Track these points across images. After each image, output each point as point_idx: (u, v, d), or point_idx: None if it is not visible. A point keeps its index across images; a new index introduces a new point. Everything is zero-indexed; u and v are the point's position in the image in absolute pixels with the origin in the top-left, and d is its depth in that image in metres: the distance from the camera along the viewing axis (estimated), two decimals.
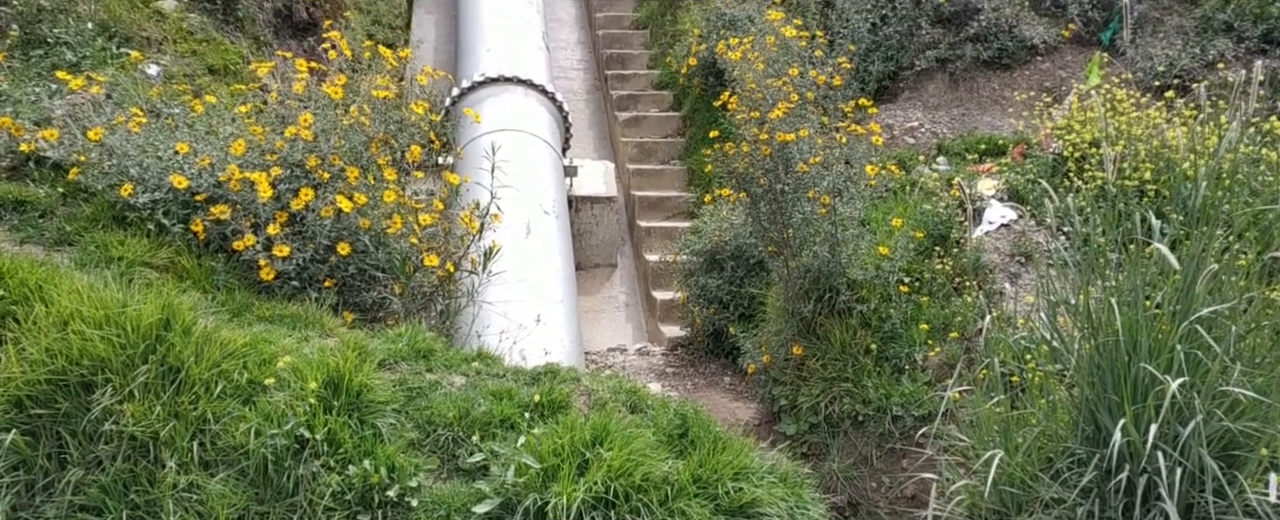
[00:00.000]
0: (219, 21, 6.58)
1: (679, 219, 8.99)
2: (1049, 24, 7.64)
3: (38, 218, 4.08)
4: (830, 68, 6.77)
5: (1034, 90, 7.12)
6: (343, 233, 4.58)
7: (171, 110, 4.97)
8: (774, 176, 5.80)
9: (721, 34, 8.42)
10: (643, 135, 10.25)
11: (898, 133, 7.34)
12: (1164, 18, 7.47)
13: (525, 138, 8.04)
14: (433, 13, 11.65)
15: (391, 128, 6.00)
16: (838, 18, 7.91)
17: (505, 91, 8.54)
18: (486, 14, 9.86)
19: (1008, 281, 5.29)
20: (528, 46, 9.55)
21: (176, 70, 5.71)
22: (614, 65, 11.27)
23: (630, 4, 12.25)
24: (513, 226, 6.30)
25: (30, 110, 4.64)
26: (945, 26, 7.93)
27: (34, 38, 5.26)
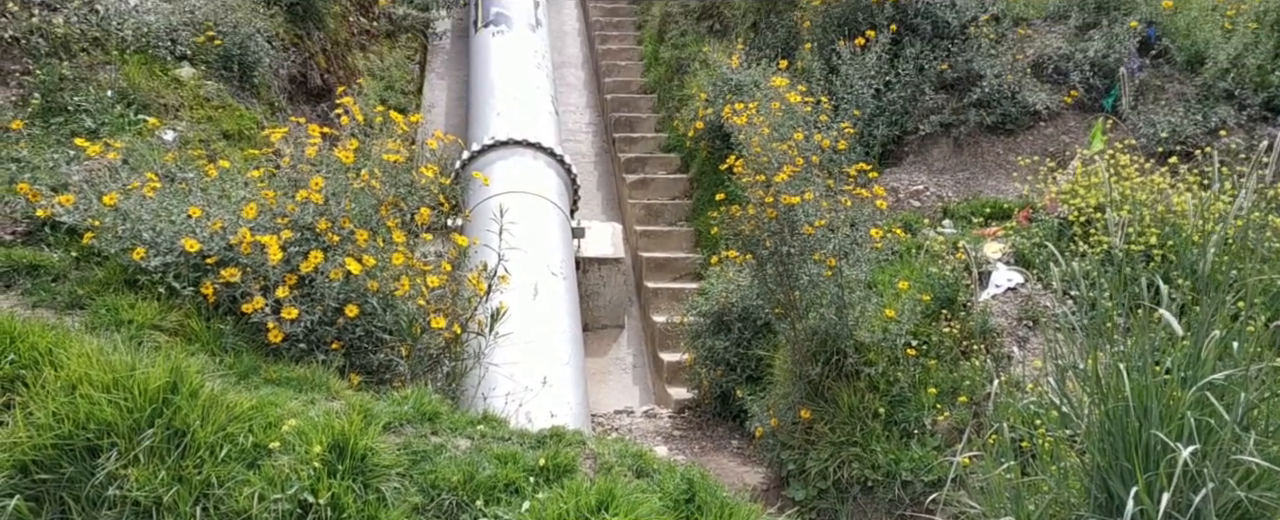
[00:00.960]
0: (235, 88, 6.72)
1: (686, 280, 9.01)
2: (1051, 91, 7.75)
3: (51, 281, 4.12)
4: (835, 132, 6.86)
5: (1038, 155, 7.19)
6: (351, 295, 4.61)
7: (186, 175, 5.05)
8: (780, 239, 5.83)
9: (727, 98, 8.55)
10: (650, 197, 10.34)
11: (903, 196, 7.39)
12: (1165, 85, 7.57)
13: (533, 200, 8.12)
14: (444, 78, 11.88)
15: (401, 191, 6.07)
16: (842, 83, 8.03)
17: (514, 154, 8.66)
18: (497, 79, 10.05)
19: (1016, 345, 5.27)
20: (537, 111, 9.71)
21: (192, 136, 5.81)
22: (622, 128, 11.43)
23: (638, 70, 12.47)
24: (520, 288, 6.32)
25: (48, 176, 4.72)
26: (948, 92, 8.04)
27: (55, 105, 5.38)
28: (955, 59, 8.01)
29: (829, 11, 8.65)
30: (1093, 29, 7.95)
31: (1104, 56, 7.67)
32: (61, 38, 5.77)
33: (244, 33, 7.01)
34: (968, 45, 8.03)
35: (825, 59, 8.38)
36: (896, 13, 8.17)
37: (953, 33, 8.12)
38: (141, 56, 6.16)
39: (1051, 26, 8.29)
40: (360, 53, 10.04)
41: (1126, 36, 7.67)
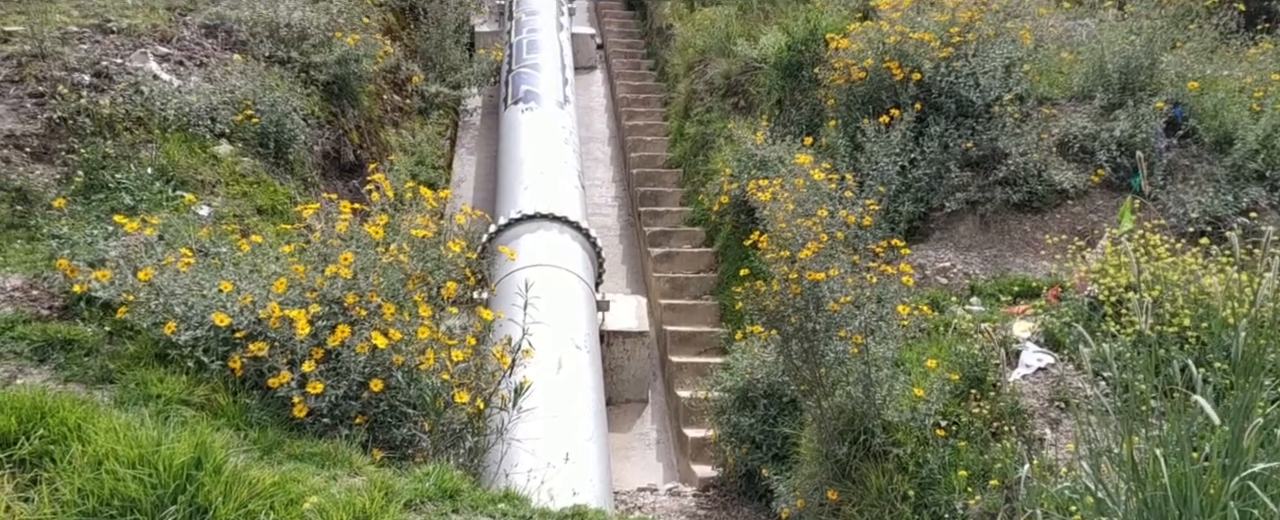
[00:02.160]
0: (270, 164, 6.89)
1: (711, 355, 8.96)
2: (1078, 169, 7.74)
3: (83, 356, 4.18)
4: (860, 208, 6.88)
5: (1066, 234, 7.15)
6: (376, 369, 4.62)
7: (219, 249, 5.15)
8: (805, 315, 5.80)
9: (752, 173, 8.62)
10: (675, 271, 10.36)
11: (930, 273, 7.35)
12: (1194, 165, 7.55)
13: (559, 273, 8.17)
14: (474, 153, 12.10)
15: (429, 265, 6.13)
16: (866, 160, 8.08)
17: (541, 228, 8.75)
18: (525, 155, 10.22)
19: (1048, 428, 5.16)
20: (564, 185, 9.84)
21: (227, 211, 5.95)
22: (648, 202, 11.53)
23: (664, 145, 12.64)
24: (544, 362, 6.31)
25: (86, 252, 4.84)
26: (974, 170, 8.06)
27: (97, 183, 5.55)
28: (980, 137, 8.05)
29: (853, 90, 8.76)
30: (1118, 109, 7.98)
31: (1131, 136, 7.68)
32: (107, 118, 5.98)
33: (281, 111, 7.21)
34: (992, 124, 8.07)
35: (850, 136, 8.46)
36: (920, 91, 8.26)
37: (977, 111, 8.18)
38: (182, 135, 6.36)
39: (1076, 106, 8.33)
40: (393, 129, 10.28)
41: (1153, 117, 7.69)
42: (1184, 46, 8.20)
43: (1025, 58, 8.44)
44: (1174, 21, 8.28)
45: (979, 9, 8.47)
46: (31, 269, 4.72)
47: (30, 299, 4.48)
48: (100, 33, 7.04)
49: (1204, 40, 8.33)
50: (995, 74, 8.20)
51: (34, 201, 5.27)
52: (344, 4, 9.37)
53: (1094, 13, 9.62)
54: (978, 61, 8.23)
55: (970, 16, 8.40)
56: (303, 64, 8.28)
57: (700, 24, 12.96)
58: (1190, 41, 8.28)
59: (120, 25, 7.23)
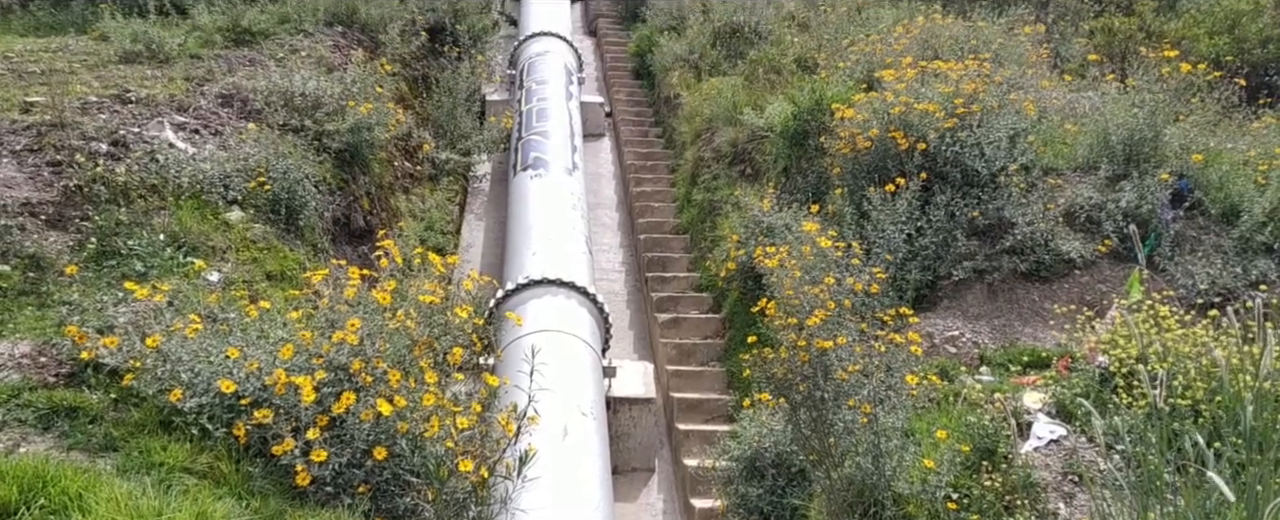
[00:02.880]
0: (281, 230, 6.95)
1: (718, 422, 8.86)
2: (1085, 239, 7.75)
3: (87, 423, 4.17)
4: (867, 275, 6.89)
5: (1074, 303, 7.12)
6: (380, 436, 4.60)
7: (227, 316, 5.17)
8: (813, 383, 5.76)
9: (759, 240, 8.65)
10: (682, 337, 10.33)
11: (938, 341, 7.32)
12: (1201, 236, 7.56)
13: (565, 339, 8.14)
14: (483, 219, 12.20)
15: (435, 331, 6.14)
16: (873, 228, 8.12)
17: (548, 293, 8.75)
18: (533, 220, 10.29)
19: (1062, 502, 5.07)
20: (571, 250, 9.88)
21: (237, 277, 5.98)
22: (655, 268, 11.56)
23: (671, 211, 12.72)
24: (550, 429, 6.26)
25: (96, 318, 4.87)
26: (981, 238, 8.08)
27: (109, 249, 5.60)
28: (986, 206, 8.09)
29: (858, 159, 8.84)
30: (1123, 180, 8.02)
31: (1137, 207, 7.71)
32: (122, 185, 6.08)
33: (293, 178, 7.31)
34: (998, 193, 8.12)
35: (856, 204, 8.51)
36: (926, 161, 8.33)
37: (982, 181, 8.23)
38: (195, 202, 6.44)
39: (1081, 177, 8.38)
40: (403, 195, 10.39)
41: (1158, 188, 7.72)
42: (1187, 120, 8.29)
43: (1029, 129, 8.53)
44: (1176, 95, 8.38)
45: (982, 81, 8.60)
46: (41, 335, 4.75)
47: (37, 366, 4.49)
48: (119, 103, 7.19)
49: (1206, 114, 8.42)
50: (1000, 144, 8.28)
51: (46, 268, 5.32)
52: (358, 74, 9.57)
53: (1096, 86, 9.76)
54: (982, 132, 8.31)
55: (974, 88, 8.52)
56: (316, 132, 8.42)
57: (707, 93, 13.17)
58: (1193, 115, 8.37)
59: (139, 95, 7.39)
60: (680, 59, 14.68)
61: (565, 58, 14.55)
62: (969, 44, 10.27)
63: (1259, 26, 10.98)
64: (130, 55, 8.71)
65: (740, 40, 14.13)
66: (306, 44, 10.36)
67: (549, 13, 16.13)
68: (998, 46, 10.18)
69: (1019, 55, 10.18)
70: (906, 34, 10.72)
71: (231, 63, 9.09)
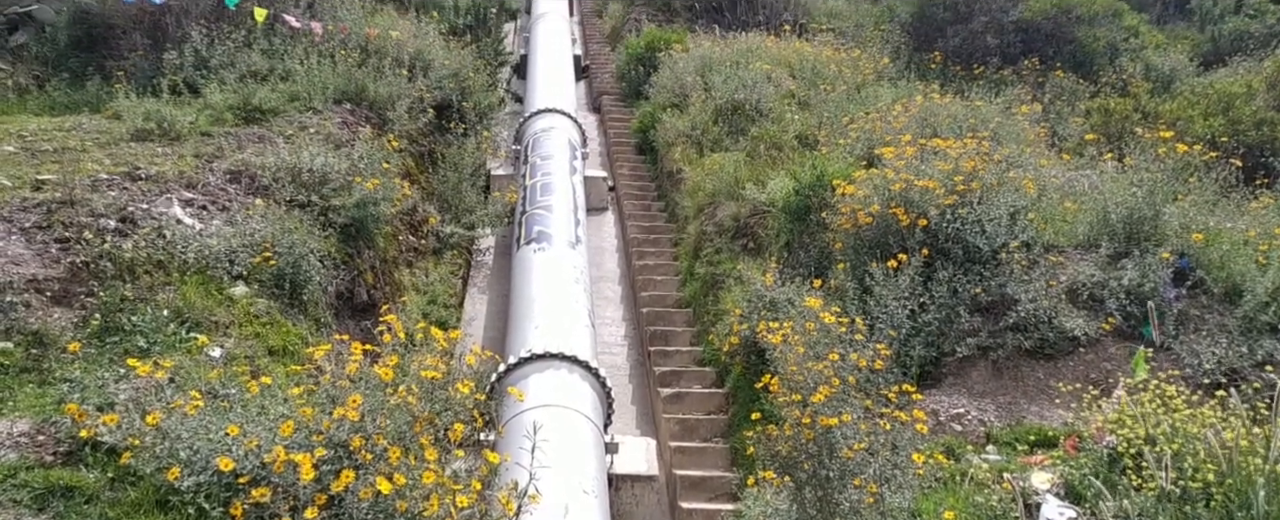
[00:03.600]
0: (284, 305, 6.97)
1: (723, 501, 8.71)
2: (1088, 317, 7.75)
3: (83, 504, 4.12)
4: (871, 351, 6.86)
5: (1080, 381, 7.08)
6: (380, 514, 4.53)
7: (228, 392, 5.15)
8: (818, 462, 5.69)
9: (762, 314, 8.65)
10: (685, 412, 10.22)
11: (943, 419, 7.25)
12: (1205, 315, 7.56)
13: (567, 414, 8.07)
14: (486, 292, 12.22)
15: (437, 407, 6.09)
16: (876, 304, 8.12)
17: (550, 368, 8.71)
18: (536, 294, 10.30)
19: None
20: (574, 324, 9.86)
21: (239, 352, 5.98)
22: (657, 342, 11.51)
23: (674, 284, 12.75)
24: (551, 508, 6.17)
25: (96, 395, 4.85)
26: (984, 315, 8.08)
27: (113, 325, 5.62)
28: (988, 283, 8.11)
29: (860, 234, 8.90)
30: (1125, 258, 8.06)
31: (1139, 285, 7.73)
32: (128, 261, 6.12)
33: (298, 253, 7.36)
34: (1000, 270, 8.15)
35: (858, 279, 8.52)
36: (927, 237, 8.38)
37: (984, 258, 8.27)
38: (200, 277, 6.48)
39: (1083, 255, 8.43)
40: (407, 269, 10.43)
41: (1160, 267, 7.76)
42: (1185, 199, 8.37)
43: (1029, 206, 8.61)
44: (1174, 175, 8.48)
45: (981, 159, 8.71)
46: (40, 414, 4.72)
47: (35, 444, 4.45)
48: (129, 180, 7.30)
49: (1204, 193, 8.50)
50: (1000, 221, 8.34)
51: (49, 345, 5.33)
52: (365, 150, 9.71)
53: (1094, 165, 9.88)
54: (983, 209, 8.39)
55: (973, 166, 8.63)
56: (322, 207, 8.51)
57: (709, 168, 13.32)
58: (1191, 194, 8.45)
59: (149, 172, 7.50)
60: (683, 135, 14.90)
61: (569, 133, 14.78)
62: (968, 122, 10.44)
63: (1252, 109, 11.19)
64: (142, 133, 8.87)
65: (742, 117, 14.36)
66: (315, 121, 10.54)
67: (554, 90, 16.45)
68: (996, 125, 10.35)
69: (1017, 134, 10.34)
70: (905, 112, 10.91)
71: (241, 140, 9.24)
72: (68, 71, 11.89)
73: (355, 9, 14.24)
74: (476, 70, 15.02)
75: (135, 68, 11.51)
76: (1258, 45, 16.54)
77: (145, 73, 11.27)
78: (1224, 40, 17.71)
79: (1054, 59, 16.38)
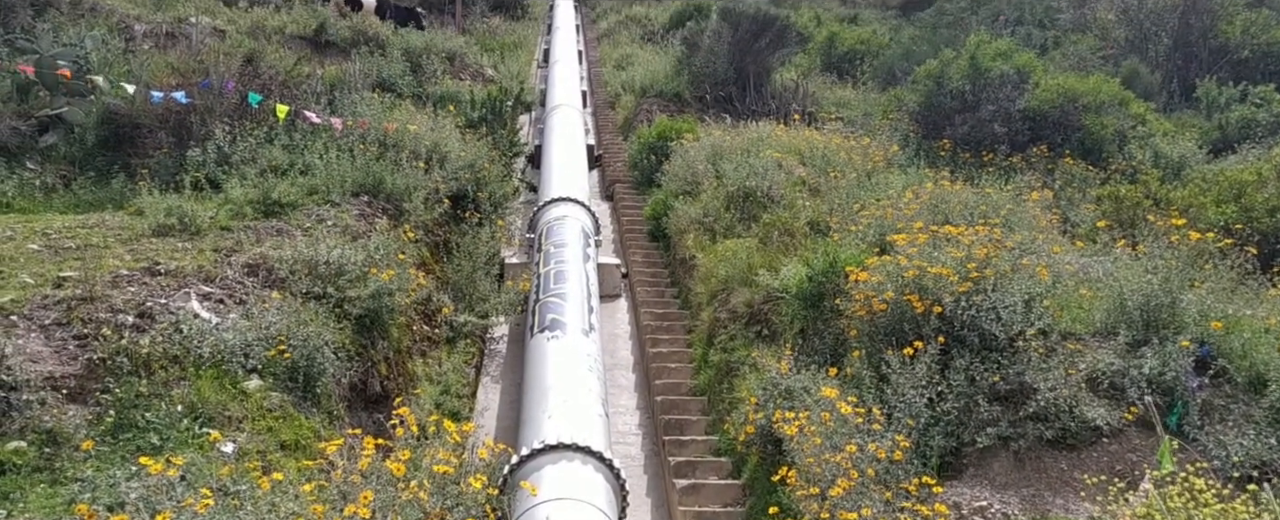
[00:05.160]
0: (298, 398, 6.96)
1: None
2: (1110, 406, 7.62)
3: None
4: (889, 442, 6.75)
5: (1104, 474, 6.93)
6: None
7: (240, 488, 5.10)
8: None
9: (777, 403, 8.56)
10: (701, 504, 10.01)
11: (966, 512, 7.07)
12: (1229, 405, 7.42)
13: (581, 508, 7.92)
14: (499, 381, 12.16)
15: (449, 502, 6.00)
16: (893, 392, 8.02)
17: (563, 459, 8.59)
18: (550, 383, 10.24)
19: None
20: (587, 414, 9.76)
21: (251, 447, 5.95)
22: (672, 431, 11.37)
23: (688, 372, 12.66)
24: None
25: (107, 494, 4.82)
26: (1003, 404, 7.95)
27: (127, 422, 5.62)
28: (1006, 371, 8.01)
29: (875, 321, 8.85)
30: (1144, 346, 7.97)
31: (1160, 374, 7.62)
32: (144, 357, 6.16)
33: (313, 345, 7.38)
34: (1017, 358, 8.06)
35: (874, 366, 8.45)
36: (942, 324, 8.33)
37: (1001, 345, 8.19)
38: (215, 371, 6.49)
39: (1101, 342, 8.34)
40: (420, 359, 10.42)
41: (1180, 355, 7.65)
42: (1202, 286, 8.31)
43: (1044, 293, 8.57)
44: (1189, 262, 8.45)
45: (994, 246, 8.72)
46: (51, 514, 4.69)
47: None
48: (149, 275, 7.40)
49: (1221, 280, 8.45)
50: (1015, 308, 8.30)
51: (62, 443, 5.32)
52: (381, 241, 9.83)
53: (1108, 251, 9.87)
54: (997, 296, 8.35)
55: (986, 253, 8.63)
56: (338, 299, 8.57)
57: (722, 255, 13.38)
58: (1207, 281, 8.40)
59: (168, 267, 7.61)
60: (695, 222, 15.02)
61: (583, 221, 14.93)
62: (979, 209, 10.49)
63: (1264, 196, 11.22)
64: (163, 229, 9.03)
65: (753, 204, 14.49)
66: (332, 214, 10.71)
67: (567, 178, 16.70)
68: (1007, 212, 10.39)
69: (1029, 220, 10.37)
70: (916, 199, 10.99)
71: (260, 233, 9.38)
72: (94, 170, 12.20)
73: (374, 105, 14.65)
74: (491, 161, 15.30)
75: (159, 165, 11.81)
76: (1265, 133, 16.71)
77: (169, 170, 11.55)
78: (1232, 128, 17.90)
79: (1062, 146, 16.55)
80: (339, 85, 16.01)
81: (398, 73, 19.35)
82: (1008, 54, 17.94)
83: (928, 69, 18.24)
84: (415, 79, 19.62)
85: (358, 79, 17.09)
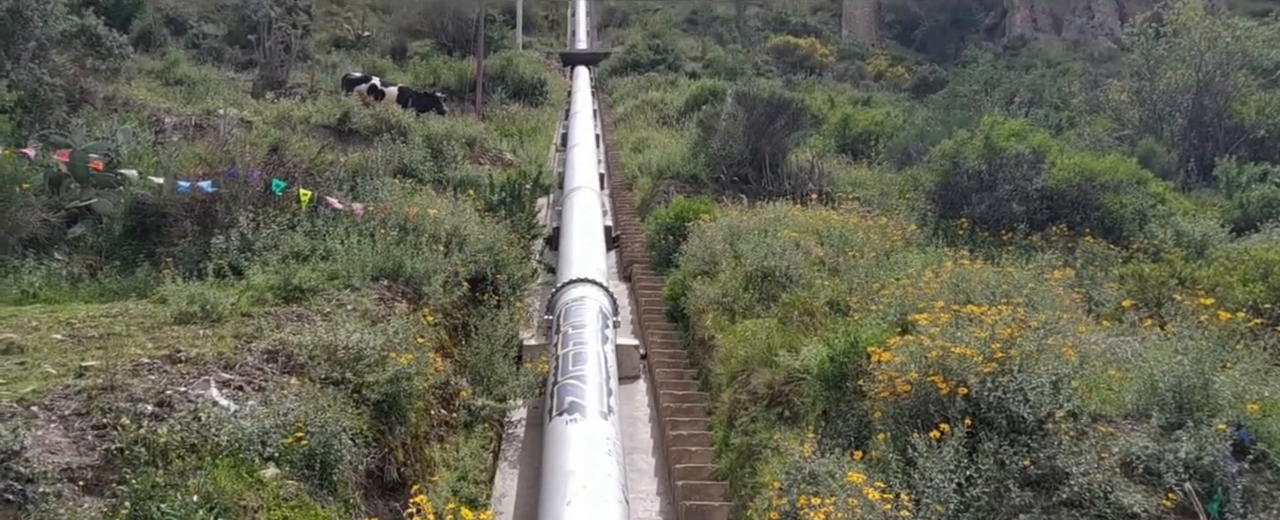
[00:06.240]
0: (314, 486, 6.87)
1: None
2: (1147, 492, 7.37)
3: None
4: None
5: None
6: None
7: None
8: None
9: (801, 488, 8.37)
10: None
11: None
12: (1273, 493, 7.17)
13: None
14: (517, 466, 12.00)
15: None
16: (920, 476, 7.82)
17: None
18: (569, 467, 10.08)
19: None
20: (607, 501, 9.57)
21: None
22: (694, 517, 11.11)
23: (708, 456, 12.44)
24: None
25: None
26: (1035, 489, 7.72)
27: (141, 514, 5.55)
28: (1037, 454, 7.81)
29: (899, 402, 8.71)
30: (1178, 429, 7.77)
31: (1197, 459, 7.39)
32: (162, 446, 6.12)
33: (330, 431, 7.33)
34: (1048, 441, 7.86)
35: (900, 449, 8.26)
36: (969, 405, 8.17)
37: (1030, 428, 8.01)
38: (232, 459, 6.44)
39: (1134, 425, 8.14)
40: (438, 444, 10.31)
41: (1217, 439, 7.44)
42: (1234, 368, 8.14)
43: (1072, 374, 8.41)
44: (1220, 342, 8.30)
45: (1018, 326, 8.61)
46: None
47: None
48: (170, 363, 7.41)
49: (1254, 362, 8.28)
50: (1043, 389, 8.14)
51: None
52: (401, 325, 9.84)
53: (1135, 331, 9.72)
54: (1024, 377, 8.21)
55: (1010, 333, 8.52)
56: (356, 384, 8.54)
57: (741, 335, 13.29)
58: (1240, 363, 8.23)
59: (189, 355, 7.62)
60: (713, 302, 14.98)
61: (601, 302, 14.94)
62: (1000, 288, 10.40)
63: None
64: (185, 316, 9.09)
65: (772, 284, 14.47)
66: (352, 298, 10.77)
67: (585, 260, 16.80)
68: (1030, 291, 10.30)
69: (1052, 300, 10.26)
70: (936, 278, 10.93)
71: (280, 319, 9.42)
72: (120, 259, 12.39)
73: (395, 190, 14.88)
74: (510, 243, 15.43)
75: (183, 253, 11.98)
76: None
77: (193, 258, 11.71)
78: (1253, 207, 17.85)
79: (1082, 225, 16.50)
80: (361, 172, 16.31)
81: (419, 158, 19.72)
82: (1022, 134, 18.06)
83: (943, 149, 18.37)
84: (436, 164, 19.97)
85: (380, 165, 17.42)
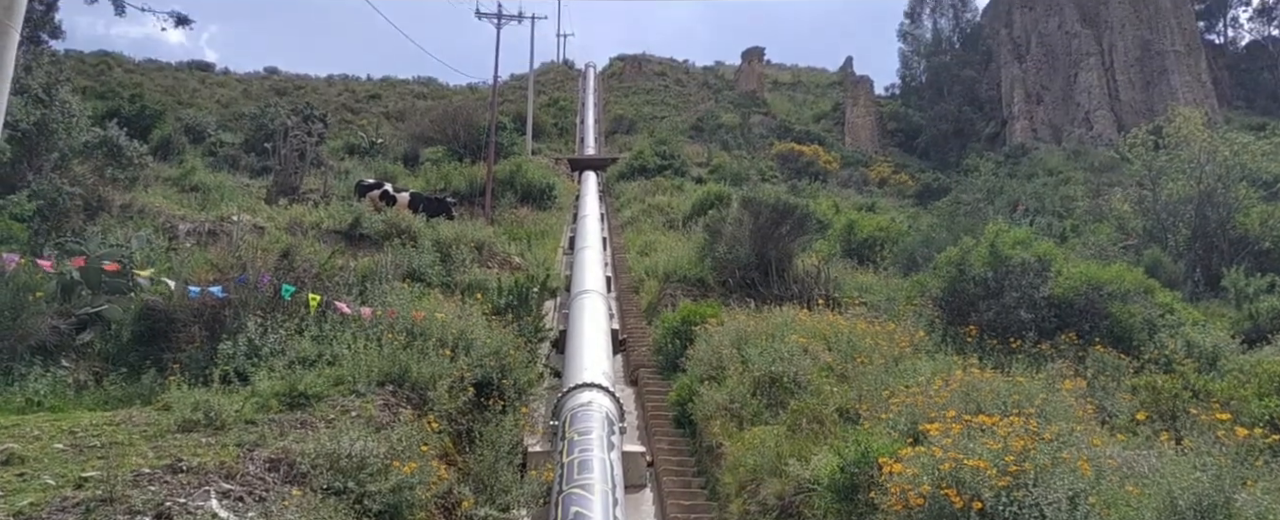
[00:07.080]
0: None
1: None
2: None
3: None
4: None
5: None
6: None
7: None
8: None
9: None
10: None
11: None
12: None
13: None
14: None
15: None
16: None
17: None
18: None
19: None
20: None
21: None
22: None
23: None
24: None
25: None
26: None
27: None
28: None
29: (912, 515, 8.49)
30: None
31: None
32: None
33: None
34: None
35: None
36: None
37: None
38: None
39: None
40: None
41: None
42: (1255, 485, 7.96)
43: (1088, 489, 8.22)
44: (1238, 459, 8.14)
45: (1031, 438, 8.48)
46: None
47: None
48: (171, 473, 7.31)
49: (1276, 479, 8.10)
50: (1059, 505, 7.93)
51: None
52: (405, 432, 9.72)
53: (1150, 444, 9.55)
54: (1040, 492, 8.02)
55: (1023, 445, 8.38)
56: (358, 494, 8.38)
57: (750, 443, 13.08)
58: (1261, 480, 8.05)
59: (190, 464, 7.53)
60: (721, 408, 14.80)
61: (607, 408, 14.76)
62: (1011, 398, 10.28)
63: None
64: (189, 424, 9.02)
65: (780, 390, 14.33)
66: (357, 404, 10.68)
67: (592, 365, 16.69)
68: (1041, 401, 10.17)
69: (1064, 410, 10.13)
70: (946, 387, 10.82)
71: (284, 426, 9.33)
72: (126, 366, 12.36)
73: (403, 294, 14.94)
74: (517, 348, 15.38)
75: (191, 359, 11.97)
76: None
77: (199, 363, 11.69)
78: (1263, 318, 17.77)
79: (1091, 334, 16.39)
80: (371, 276, 16.44)
81: (428, 263, 19.89)
82: (1027, 242, 18.18)
83: (949, 255, 18.46)
84: (444, 268, 20.13)
85: (389, 270, 17.56)
